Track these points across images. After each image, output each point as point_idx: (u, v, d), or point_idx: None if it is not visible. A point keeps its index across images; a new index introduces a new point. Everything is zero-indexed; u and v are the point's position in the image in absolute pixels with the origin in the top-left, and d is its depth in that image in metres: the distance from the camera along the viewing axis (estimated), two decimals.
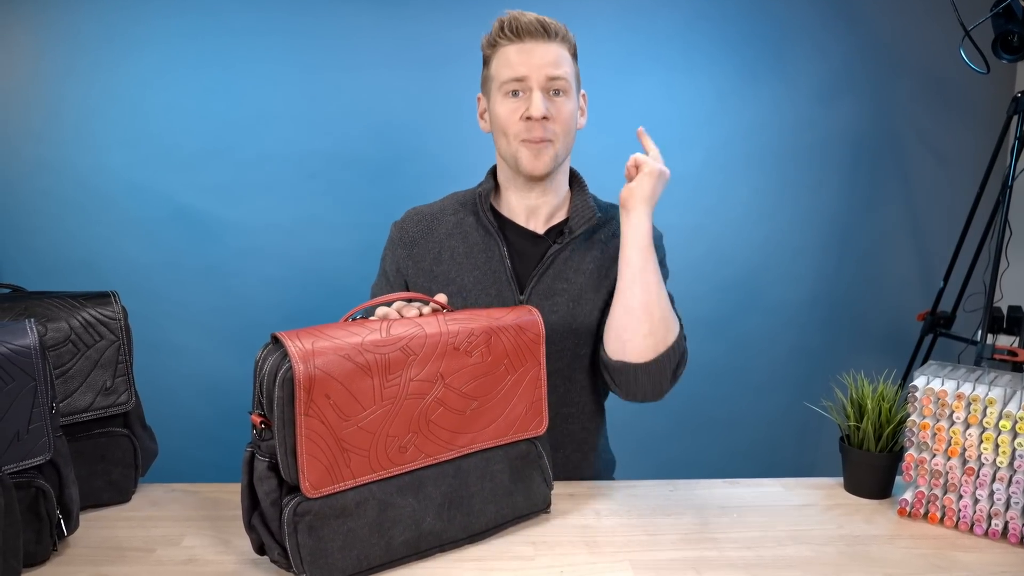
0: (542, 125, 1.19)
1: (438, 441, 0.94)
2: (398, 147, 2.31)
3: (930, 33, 2.50)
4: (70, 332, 1.03)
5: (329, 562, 0.86)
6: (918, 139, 2.57)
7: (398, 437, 0.91)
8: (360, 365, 0.88)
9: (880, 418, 1.15)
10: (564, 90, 1.20)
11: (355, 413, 0.88)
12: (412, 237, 1.31)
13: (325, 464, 0.85)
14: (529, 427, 1.03)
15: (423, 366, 0.93)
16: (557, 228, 1.30)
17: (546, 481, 1.05)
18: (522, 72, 1.18)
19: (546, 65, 1.18)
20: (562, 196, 1.31)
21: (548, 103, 1.19)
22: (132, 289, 2.19)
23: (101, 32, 2.15)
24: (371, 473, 0.89)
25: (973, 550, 1.00)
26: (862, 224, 2.58)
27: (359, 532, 0.88)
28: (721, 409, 2.56)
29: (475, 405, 0.97)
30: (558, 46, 1.20)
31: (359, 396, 0.88)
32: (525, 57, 1.18)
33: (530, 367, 1.03)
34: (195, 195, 2.24)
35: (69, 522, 0.93)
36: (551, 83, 1.19)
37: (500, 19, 1.20)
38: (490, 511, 0.98)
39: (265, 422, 0.86)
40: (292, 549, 0.84)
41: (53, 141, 2.18)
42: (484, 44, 1.24)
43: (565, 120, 1.21)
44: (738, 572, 0.92)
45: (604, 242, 1.30)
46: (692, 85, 2.43)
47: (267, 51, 2.23)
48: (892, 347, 2.62)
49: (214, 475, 1.30)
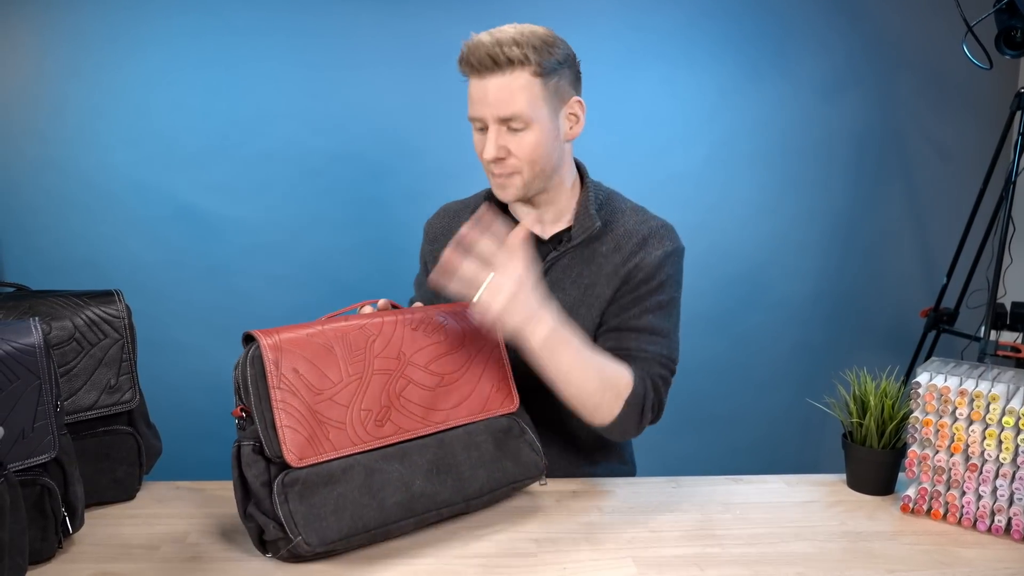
0: (499, 164, 1.16)
1: (413, 417, 0.98)
2: (400, 145, 2.31)
3: (933, 29, 2.49)
4: (74, 331, 1.03)
5: (324, 525, 0.88)
6: (921, 135, 2.57)
7: (372, 411, 0.95)
8: (323, 343, 0.94)
9: (883, 414, 1.15)
10: (523, 124, 1.13)
11: (326, 387, 0.92)
12: (435, 233, 1.37)
13: (305, 435, 0.90)
14: (501, 405, 1.07)
15: (384, 344, 0.98)
16: (560, 235, 1.27)
17: (535, 451, 1.07)
18: (478, 112, 1.15)
19: (499, 104, 1.12)
20: (564, 201, 1.26)
21: (505, 140, 1.15)
22: (136, 287, 2.19)
23: (105, 31, 2.16)
24: (351, 446, 0.93)
25: (976, 546, 1.00)
26: (865, 220, 2.58)
27: (349, 495, 0.91)
28: (724, 406, 2.57)
29: (442, 383, 1.02)
30: (514, 77, 1.11)
31: (327, 371, 0.93)
32: (480, 95, 1.14)
33: (490, 347, 1.07)
34: (198, 193, 2.24)
35: (74, 520, 0.93)
36: (504, 123, 1.14)
37: (463, 45, 1.15)
38: (481, 476, 1.01)
39: (244, 409, 0.91)
40: (286, 516, 0.87)
41: (57, 140, 2.18)
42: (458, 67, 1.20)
43: (527, 153, 1.15)
44: (741, 569, 0.92)
45: (605, 256, 1.24)
46: (695, 82, 2.43)
47: (269, 50, 2.23)
48: (895, 343, 2.62)
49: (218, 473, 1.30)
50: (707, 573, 0.91)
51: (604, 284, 1.23)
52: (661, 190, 2.41)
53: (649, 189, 2.40)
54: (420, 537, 0.98)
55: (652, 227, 1.25)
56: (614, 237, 1.25)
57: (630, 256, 1.22)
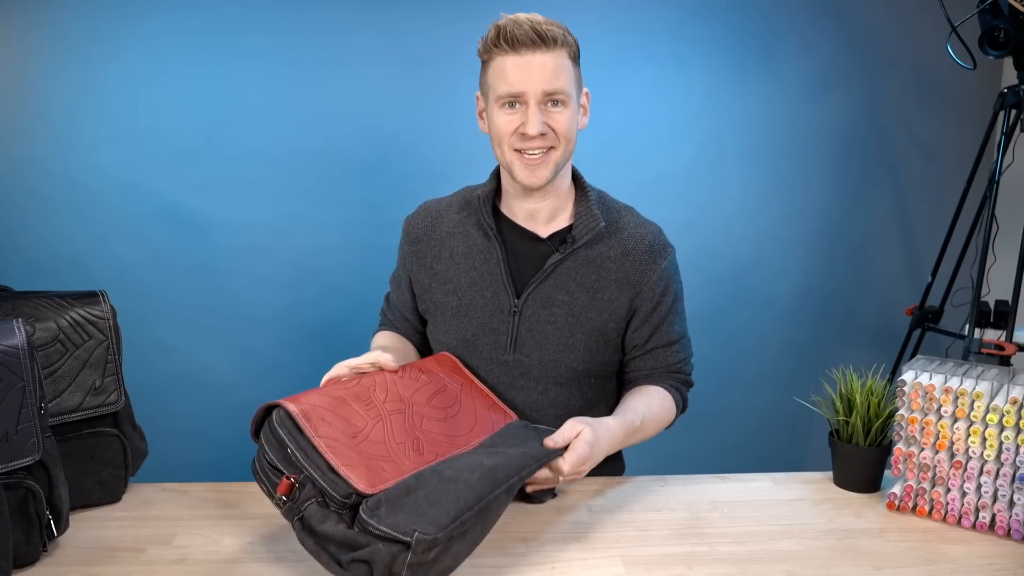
0: (540, 139, 1.17)
1: (441, 443, 1.01)
2: (387, 144, 2.30)
3: (918, 29, 2.51)
4: (58, 332, 1.02)
5: (430, 516, 0.83)
6: (906, 134, 2.59)
7: (406, 443, 0.98)
8: (336, 398, 0.97)
9: (869, 412, 1.16)
10: (563, 101, 1.17)
11: (357, 431, 0.95)
12: (417, 234, 1.33)
13: (365, 468, 0.89)
14: (505, 417, 1.15)
15: (384, 393, 1.03)
16: (560, 235, 1.26)
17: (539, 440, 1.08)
18: (518, 88, 1.14)
19: (543, 80, 1.14)
20: (562, 198, 1.27)
21: (545, 116, 1.16)
22: (121, 288, 2.17)
23: (89, 29, 2.14)
24: (401, 474, 0.91)
25: (961, 543, 1.01)
26: (851, 219, 2.59)
27: (436, 490, 0.87)
28: (712, 404, 2.57)
29: (448, 415, 1.07)
30: (556, 55, 1.14)
31: (350, 419, 0.96)
32: (522, 72, 1.14)
33: (466, 383, 1.17)
34: (184, 193, 2.23)
35: (59, 522, 0.93)
36: (548, 96, 1.15)
37: (496, 24, 1.15)
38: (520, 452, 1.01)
39: (293, 479, 0.87)
40: (391, 528, 0.81)
41: (41, 139, 2.16)
42: (480, 49, 1.19)
43: (564, 130, 1.18)
44: (728, 567, 0.92)
45: (612, 260, 1.25)
46: (682, 81, 2.44)
47: (256, 49, 2.21)
48: (881, 341, 2.64)
49: (205, 474, 1.29)
50: (695, 571, 0.91)
51: (616, 289, 1.25)
52: (649, 189, 2.42)
53: (637, 188, 2.40)
54: None
55: (653, 233, 1.29)
56: (620, 241, 1.26)
57: (643, 268, 1.26)
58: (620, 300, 1.25)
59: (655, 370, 1.31)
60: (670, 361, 1.31)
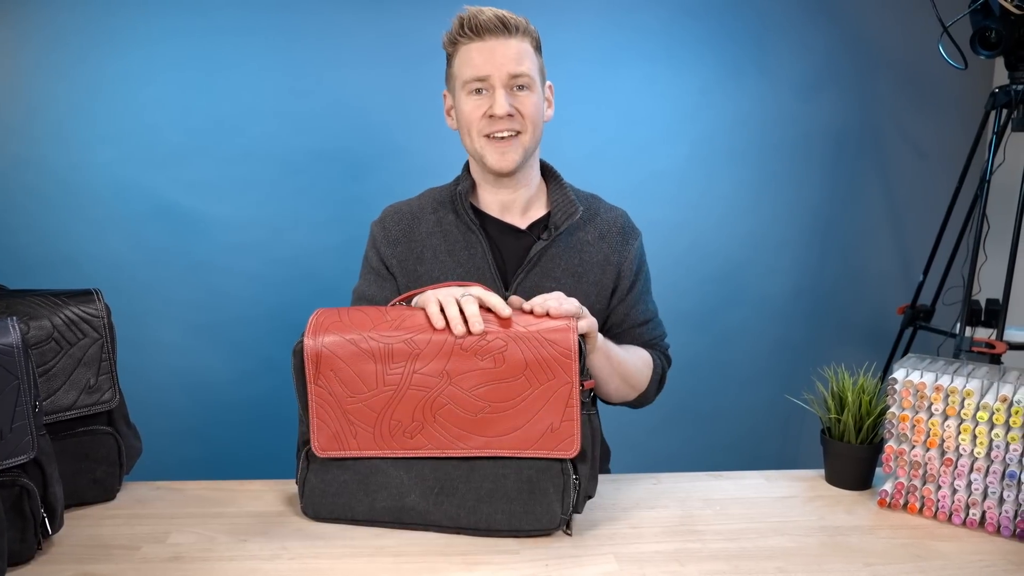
0: (507, 120, 1.20)
1: (446, 436, 0.97)
2: (381, 144, 2.30)
3: (910, 29, 2.52)
4: (53, 330, 1.02)
5: (321, 501, 1.00)
6: (898, 134, 2.60)
7: (403, 423, 0.96)
8: (363, 350, 0.96)
9: (860, 410, 1.17)
10: (527, 85, 1.21)
11: (359, 391, 0.96)
12: (395, 236, 1.31)
13: (333, 431, 0.97)
14: (557, 446, 0.96)
15: (427, 361, 0.96)
16: (540, 223, 1.30)
17: (562, 501, 0.97)
18: (484, 71, 1.19)
19: (508, 62, 1.18)
20: (535, 189, 1.31)
21: (512, 99, 1.20)
22: (115, 286, 2.18)
23: (85, 29, 2.13)
24: (376, 448, 0.97)
25: (951, 539, 1.01)
26: (843, 218, 2.60)
27: (349, 486, 0.99)
28: (705, 402, 2.58)
29: (488, 409, 0.96)
30: (519, 41, 1.20)
31: (363, 377, 0.96)
32: (487, 56, 1.18)
33: (559, 382, 0.95)
34: (178, 192, 2.23)
35: (54, 521, 0.93)
36: (513, 80, 1.20)
37: (460, 16, 1.20)
38: (483, 511, 0.97)
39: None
40: (300, 481, 1.01)
41: (36, 137, 2.15)
42: (445, 41, 1.24)
43: (531, 113, 1.22)
44: (721, 564, 0.93)
45: (592, 244, 1.30)
46: (676, 80, 2.44)
47: (250, 48, 2.21)
48: (873, 340, 2.65)
49: (199, 472, 1.30)
50: (687, 568, 0.92)
51: (598, 271, 1.30)
52: (643, 188, 2.42)
53: (631, 187, 2.42)
54: (404, 534, 0.98)
55: (623, 216, 1.37)
56: (595, 225, 1.32)
57: (620, 249, 1.32)
58: (604, 282, 1.31)
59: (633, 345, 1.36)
60: (647, 337, 1.37)
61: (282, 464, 1.34)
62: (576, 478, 0.98)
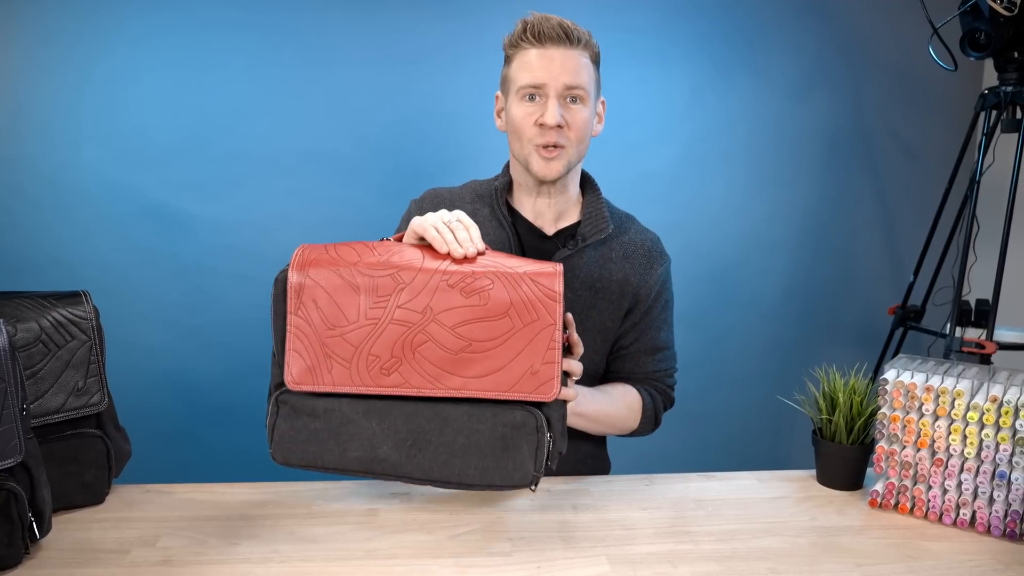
0: (556, 132, 1.18)
1: (423, 374, 0.95)
2: (373, 144, 2.30)
3: (901, 30, 2.53)
4: (40, 332, 1.02)
5: (291, 447, 0.98)
6: (889, 135, 2.61)
7: (381, 358, 0.95)
8: (348, 282, 0.95)
9: (851, 411, 1.17)
10: (581, 98, 1.19)
11: (340, 323, 0.95)
12: None
13: (308, 363, 0.95)
14: (536, 389, 0.94)
15: (412, 295, 0.95)
16: (568, 231, 1.29)
17: (535, 458, 0.96)
18: (541, 79, 1.17)
19: (565, 73, 1.17)
20: (571, 200, 1.30)
21: (564, 110, 1.18)
22: (104, 287, 2.16)
23: (74, 27, 2.12)
24: (351, 385, 0.95)
25: (942, 539, 1.02)
26: (835, 219, 2.61)
27: (320, 434, 0.97)
28: (697, 403, 2.59)
29: (469, 348, 0.94)
30: (579, 53, 1.19)
31: (345, 309, 0.95)
32: (545, 63, 1.17)
33: (542, 324, 0.95)
34: (168, 192, 2.21)
35: (41, 525, 0.92)
36: (569, 91, 1.18)
37: (524, 20, 1.19)
38: (455, 465, 0.96)
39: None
40: (269, 426, 0.98)
41: (24, 137, 2.14)
42: (506, 44, 1.23)
43: (580, 128, 1.20)
44: (713, 564, 0.93)
45: (615, 261, 1.29)
46: (668, 81, 2.45)
47: (241, 47, 2.20)
48: (864, 340, 2.66)
49: (189, 475, 1.29)
50: (680, 570, 0.92)
51: (616, 290, 1.28)
52: (635, 189, 2.42)
53: (623, 188, 2.41)
54: (395, 536, 0.98)
55: (652, 240, 1.34)
56: (622, 244, 1.30)
57: (642, 272, 1.30)
58: (620, 301, 1.29)
59: (634, 373, 1.33)
60: (650, 368, 1.33)
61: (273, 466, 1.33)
62: (550, 435, 0.97)
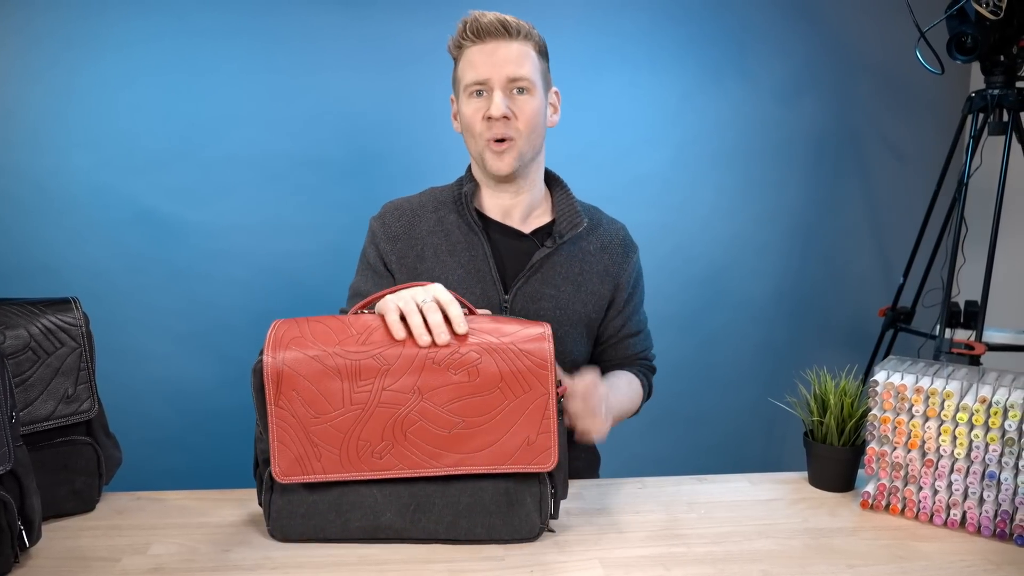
0: (503, 124, 1.19)
1: (418, 455, 0.93)
2: (364, 148, 2.30)
3: (888, 34, 2.55)
4: (29, 339, 1.01)
5: (289, 523, 0.95)
6: (878, 138, 2.63)
7: (371, 443, 0.92)
8: (328, 367, 0.91)
9: (842, 413, 1.17)
10: (528, 89, 1.21)
11: (324, 412, 0.91)
12: (395, 233, 1.30)
13: (295, 454, 0.92)
14: (533, 460, 0.93)
15: (397, 377, 0.91)
16: (544, 230, 1.30)
17: (540, 510, 0.96)
18: (484, 74, 1.19)
19: (508, 64, 1.19)
20: (538, 195, 1.31)
21: (510, 102, 1.20)
22: (94, 293, 2.15)
23: (63, 32, 2.11)
24: (342, 471, 0.92)
25: (933, 540, 1.02)
26: (824, 221, 2.63)
27: (319, 506, 0.95)
28: (689, 406, 2.59)
29: (462, 424, 0.92)
30: (520, 44, 1.20)
31: (328, 396, 0.91)
32: (486, 58, 1.19)
33: (536, 395, 0.93)
34: (159, 197, 2.21)
35: (31, 533, 0.91)
36: (513, 83, 1.20)
37: (463, 20, 1.21)
38: (461, 526, 0.95)
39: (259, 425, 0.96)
40: (264, 504, 0.96)
41: (13, 143, 2.13)
42: (450, 46, 1.25)
43: (529, 118, 1.21)
44: (706, 567, 0.93)
45: (593, 254, 1.32)
46: (658, 84, 2.46)
47: (232, 52, 2.20)
48: (855, 342, 2.67)
49: (180, 482, 1.28)
50: (673, 572, 0.92)
51: (597, 282, 1.31)
52: (626, 192, 2.43)
53: (614, 191, 2.43)
54: (388, 542, 0.98)
55: (623, 229, 1.39)
56: (598, 236, 1.34)
57: (620, 262, 1.34)
58: (602, 292, 1.32)
59: (627, 358, 1.40)
60: (638, 350, 1.41)
61: None
62: (553, 489, 0.97)
